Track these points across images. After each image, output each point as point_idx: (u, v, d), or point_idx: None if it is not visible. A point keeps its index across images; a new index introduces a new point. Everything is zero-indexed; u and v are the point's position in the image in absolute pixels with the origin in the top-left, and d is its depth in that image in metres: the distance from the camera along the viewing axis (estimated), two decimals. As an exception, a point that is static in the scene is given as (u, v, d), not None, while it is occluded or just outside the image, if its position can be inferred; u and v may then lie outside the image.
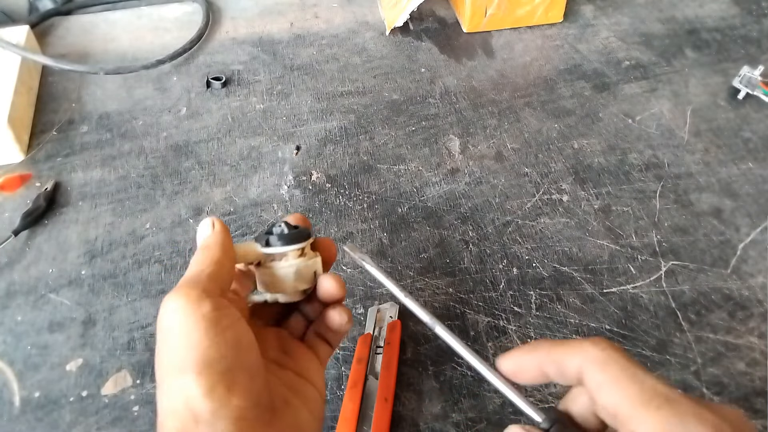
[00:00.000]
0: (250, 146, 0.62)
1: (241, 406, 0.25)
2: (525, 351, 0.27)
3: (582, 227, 0.54)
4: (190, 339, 0.26)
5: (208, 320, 0.26)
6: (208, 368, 0.25)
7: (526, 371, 0.27)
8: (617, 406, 0.23)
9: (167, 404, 0.25)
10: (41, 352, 0.46)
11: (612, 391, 0.23)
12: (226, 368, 0.26)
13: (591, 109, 0.66)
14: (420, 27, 0.78)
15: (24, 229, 0.53)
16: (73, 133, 0.63)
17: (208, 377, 0.25)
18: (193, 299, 0.26)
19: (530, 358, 0.27)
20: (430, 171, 0.60)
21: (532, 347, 0.27)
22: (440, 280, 0.50)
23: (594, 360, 0.24)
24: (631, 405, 0.22)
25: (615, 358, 0.24)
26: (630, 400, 0.22)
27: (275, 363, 0.32)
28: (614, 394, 0.23)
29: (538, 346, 0.27)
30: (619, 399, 0.23)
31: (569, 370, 0.25)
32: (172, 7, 0.80)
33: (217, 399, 0.25)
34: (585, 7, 0.81)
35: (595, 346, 0.25)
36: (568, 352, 0.25)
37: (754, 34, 0.77)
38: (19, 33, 0.68)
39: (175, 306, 0.26)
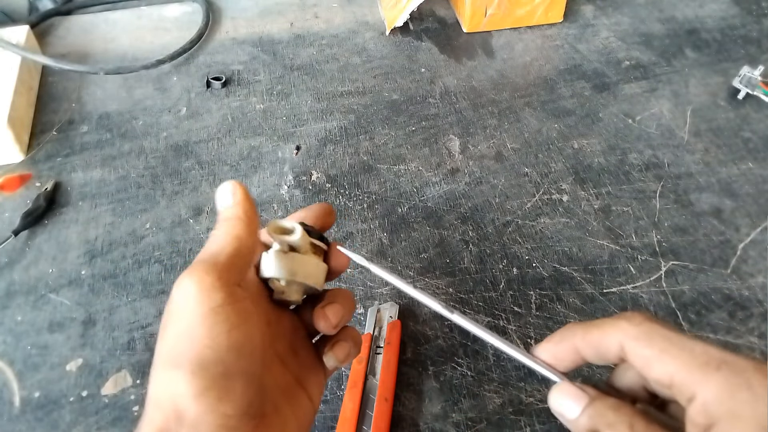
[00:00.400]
0: (250, 146, 0.62)
1: (229, 414, 0.24)
2: (558, 339, 0.27)
3: (582, 227, 0.54)
4: (192, 333, 0.24)
5: (215, 315, 0.25)
6: (203, 370, 0.24)
7: (563, 360, 0.27)
8: (672, 376, 0.23)
9: (154, 393, 0.24)
10: (41, 352, 0.46)
11: (663, 363, 0.23)
12: (222, 373, 0.24)
13: (591, 109, 0.66)
14: (420, 27, 0.78)
15: (24, 229, 0.53)
16: (73, 133, 0.63)
17: (201, 379, 0.24)
18: (206, 287, 0.25)
19: (565, 346, 0.27)
20: (430, 171, 0.60)
21: (564, 334, 0.27)
22: (440, 280, 0.50)
23: (635, 337, 0.24)
24: (688, 372, 0.22)
25: (655, 329, 0.24)
26: (686, 367, 0.22)
27: (279, 359, 0.30)
28: (666, 366, 0.23)
29: (571, 331, 0.26)
30: (673, 369, 0.23)
31: (609, 351, 0.25)
32: (172, 7, 0.80)
33: (205, 403, 0.23)
34: (585, 7, 0.81)
35: (631, 322, 0.24)
36: (604, 333, 0.25)
37: (754, 34, 0.77)
38: (19, 33, 0.68)
39: (186, 291, 0.25)
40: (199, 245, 0.53)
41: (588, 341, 0.26)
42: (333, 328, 0.31)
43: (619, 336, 0.24)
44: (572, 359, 0.27)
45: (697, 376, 0.22)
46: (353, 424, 0.40)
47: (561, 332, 0.27)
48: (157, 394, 0.24)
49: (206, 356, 0.24)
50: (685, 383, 0.22)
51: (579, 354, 0.26)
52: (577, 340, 0.26)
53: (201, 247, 0.54)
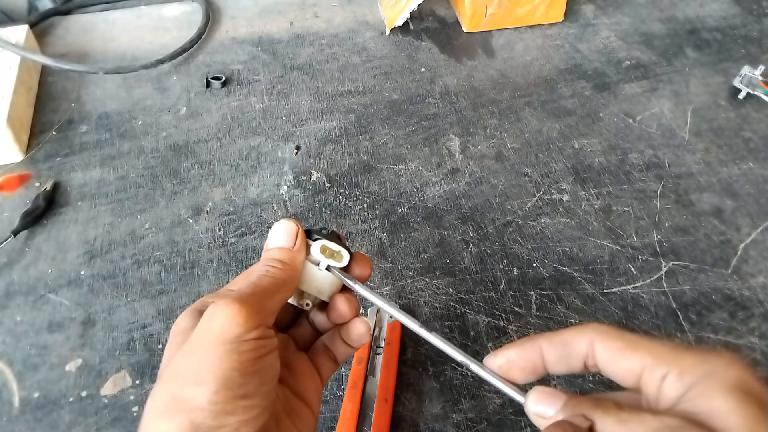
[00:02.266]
0: (249, 146, 0.62)
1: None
2: (520, 343, 0.27)
3: (582, 227, 0.54)
4: (223, 356, 0.24)
5: (247, 345, 0.25)
6: (227, 389, 0.24)
7: (523, 367, 0.27)
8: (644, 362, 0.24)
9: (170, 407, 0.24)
10: (40, 353, 0.45)
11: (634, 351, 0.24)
12: (243, 395, 0.24)
13: (591, 109, 0.66)
14: (420, 26, 0.78)
15: (23, 229, 0.53)
16: (72, 132, 0.63)
17: (222, 397, 0.24)
18: (242, 324, 0.25)
19: (529, 348, 0.27)
20: (430, 171, 0.60)
21: (528, 338, 0.27)
22: (440, 281, 0.50)
23: (605, 332, 0.25)
24: (661, 355, 0.24)
25: (625, 331, 0.25)
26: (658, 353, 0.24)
27: None
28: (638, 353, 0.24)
29: (536, 335, 0.27)
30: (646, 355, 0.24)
31: (577, 351, 0.26)
32: (172, 7, 0.80)
33: (223, 422, 0.24)
34: (585, 6, 0.81)
35: (602, 325, 0.26)
36: (573, 333, 0.26)
37: (755, 33, 0.76)
38: (18, 33, 0.68)
39: (222, 322, 0.25)
40: (198, 245, 0.53)
41: (556, 341, 0.26)
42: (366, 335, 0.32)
43: (589, 333, 0.25)
44: (533, 367, 0.27)
45: (669, 357, 0.23)
46: (353, 424, 0.40)
47: (525, 337, 0.27)
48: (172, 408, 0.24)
49: (233, 378, 0.24)
50: (658, 364, 0.23)
51: (541, 359, 0.26)
52: (543, 341, 0.26)
53: (200, 247, 0.54)
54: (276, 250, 0.30)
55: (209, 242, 0.53)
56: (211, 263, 0.51)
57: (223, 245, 0.53)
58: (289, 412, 0.29)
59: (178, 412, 0.24)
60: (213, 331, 0.25)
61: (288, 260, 0.30)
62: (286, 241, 0.30)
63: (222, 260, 0.52)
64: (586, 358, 0.26)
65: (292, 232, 0.30)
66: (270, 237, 0.31)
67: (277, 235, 0.30)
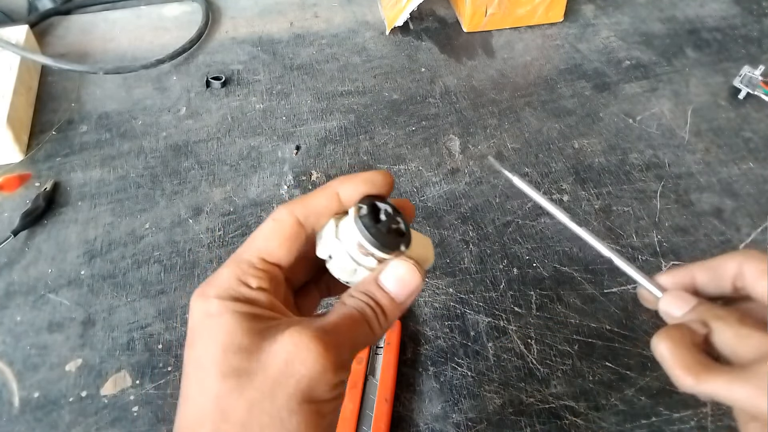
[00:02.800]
0: (249, 146, 0.62)
1: None
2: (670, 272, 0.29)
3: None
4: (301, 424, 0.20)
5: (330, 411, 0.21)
6: None
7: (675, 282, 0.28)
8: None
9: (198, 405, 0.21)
10: (40, 353, 0.45)
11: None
12: None
13: (591, 109, 0.66)
14: (420, 26, 0.78)
15: (23, 229, 0.53)
16: (72, 132, 0.63)
17: None
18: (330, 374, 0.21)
19: (683, 271, 0.28)
20: (430, 171, 0.60)
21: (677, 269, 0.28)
22: (440, 280, 0.50)
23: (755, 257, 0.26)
24: None
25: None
26: None
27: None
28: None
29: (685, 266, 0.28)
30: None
31: (726, 273, 0.27)
32: (172, 7, 0.80)
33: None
34: (585, 6, 0.81)
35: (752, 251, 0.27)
36: (724, 258, 0.27)
37: (755, 33, 0.76)
38: (18, 33, 0.68)
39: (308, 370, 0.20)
40: (198, 245, 0.53)
41: (707, 265, 0.27)
42: None
43: (738, 258, 0.27)
44: (684, 282, 0.28)
45: None
46: (353, 424, 0.40)
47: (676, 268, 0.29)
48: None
49: None
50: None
51: (693, 282, 0.28)
52: (695, 267, 0.28)
53: (200, 247, 0.54)
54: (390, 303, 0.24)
55: (209, 242, 0.53)
56: (211, 263, 0.51)
57: (223, 245, 0.53)
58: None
59: None
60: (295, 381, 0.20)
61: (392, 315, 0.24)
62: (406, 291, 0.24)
63: (222, 260, 0.52)
64: (735, 279, 0.27)
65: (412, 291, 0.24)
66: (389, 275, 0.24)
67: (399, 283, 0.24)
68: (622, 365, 0.45)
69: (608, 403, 0.43)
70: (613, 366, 0.45)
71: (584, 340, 0.46)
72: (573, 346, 0.46)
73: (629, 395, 0.43)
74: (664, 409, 0.43)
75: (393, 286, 0.24)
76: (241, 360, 0.20)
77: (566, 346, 0.46)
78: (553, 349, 0.46)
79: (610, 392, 0.44)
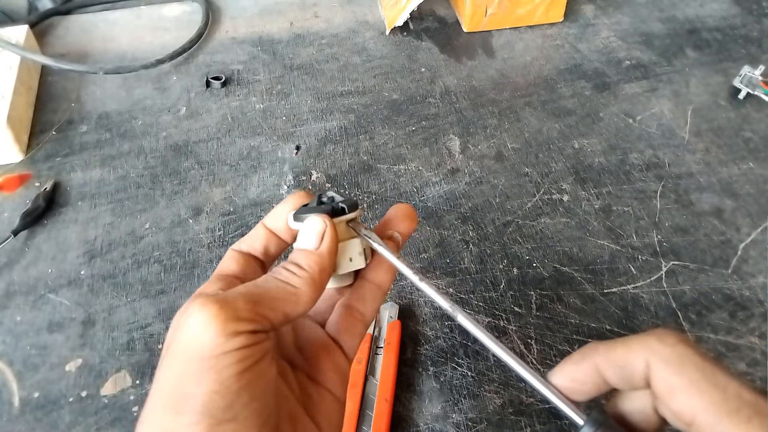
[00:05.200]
0: (249, 146, 0.62)
1: None
2: (578, 358, 0.24)
3: (582, 227, 0.54)
4: (200, 375, 0.21)
5: (228, 358, 0.21)
6: (209, 418, 0.21)
7: (583, 383, 0.24)
8: (696, 414, 0.20)
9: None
10: (40, 353, 0.45)
11: (690, 396, 0.21)
12: (231, 419, 0.21)
13: (591, 109, 0.66)
14: (420, 26, 0.78)
15: (23, 229, 0.53)
16: (72, 132, 0.63)
17: (206, 428, 0.21)
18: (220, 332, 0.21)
19: (586, 366, 0.23)
20: (430, 171, 0.60)
21: (585, 352, 0.24)
22: (440, 281, 0.50)
23: (665, 360, 0.21)
24: (715, 414, 0.20)
25: (688, 356, 0.21)
26: (713, 408, 0.20)
27: (288, 361, 0.27)
28: (692, 401, 0.20)
29: (593, 348, 0.24)
30: (700, 406, 0.20)
31: (635, 372, 0.22)
32: (172, 7, 0.80)
33: None
34: (585, 6, 0.81)
35: (662, 342, 0.22)
36: (630, 350, 0.22)
37: (755, 33, 0.76)
38: (18, 33, 0.68)
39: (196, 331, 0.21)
40: (198, 245, 0.53)
41: (611, 359, 0.23)
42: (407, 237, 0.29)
43: (646, 355, 0.22)
44: (593, 382, 0.24)
45: (725, 422, 0.20)
46: (353, 424, 0.40)
47: (581, 351, 0.24)
48: None
49: (214, 402, 0.21)
50: (709, 426, 0.20)
51: (601, 376, 0.23)
52: (599, 358, 0.23)
53: (200, 247, 0.54)
54: (302, 253, 0.26)
55: (209, 242, 0.53)
56: (211, 263, 0.51)
57: (223, 245, 0.53)
58: (305, 402, 0.26)
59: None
60: (186, 343, 0.21)
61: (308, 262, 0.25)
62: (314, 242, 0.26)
63: (222, 260, 0.52)
64: (648, 379, 0.22)
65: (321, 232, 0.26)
66: (300, 235, 0.26)
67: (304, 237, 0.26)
68: (622, 365, 0.45)
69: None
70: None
71: (584, 340, 0.46)
72: (573, 346, 0.46)
73: (629, 395, 0.43)
74: (664, 409, 0.43)
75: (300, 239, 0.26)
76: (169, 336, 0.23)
77: (566, 346, 0.46)
78: (553, 349, 0.46)
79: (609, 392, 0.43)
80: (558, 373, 0.24)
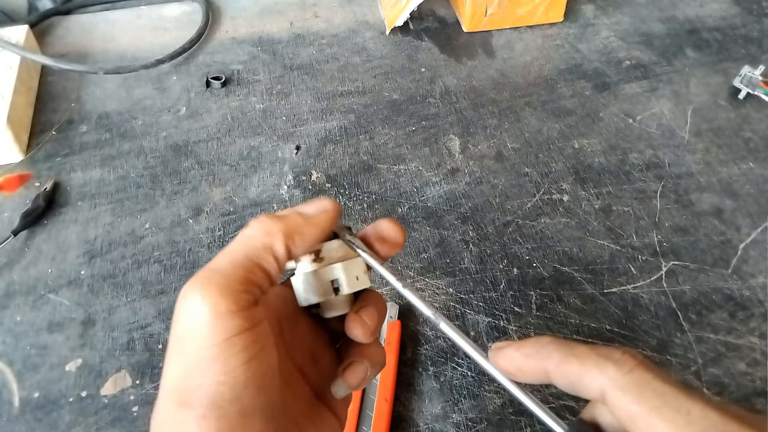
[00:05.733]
0: (249, 146, 0.62)
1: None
2: (530, 352, 0.23)
3: (582, 227, 0.54)
4: (204, 367, 0.21)
5: (232, 346, 0.21)
6: (216, 410, 0.21)
7: (526, 374, 0.23)
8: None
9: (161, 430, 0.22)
10: (40, 353, 0.45)
11: (651, 424, 0.20)
12: (239, 411, 0.21)
13: (591, 109, 0.66)
14: (420, 26, 0.78)
15: (23, 229, 0.53)
16: (72, 132, 0.63)
17: (214, 421, 0.20)
18: (220, 313, 0.21)
19: (535, 363, 0.23)
20: (430, 171, 0.60)
21: (539, 351, 0.23)
22: (440, 280, 0.50)
23: (622, 387, 0.20)
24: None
25: (647, 381, 0.20)
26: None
27: (298, 370, 0.27)
28: (655, 428, 0.20)
29: (547, 351, 0.23)
30: None
31: (587, 391, 0.22)
32: (172, 7, 0.80)
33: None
34: (585, 6, 0.81)
35: (619, 369, 0.21)
36: (585, 371, 0.21)
37: (755, 33, 0.76)
38: (18, 32, 0.68)
39: (198, 316, 0.21)
40: (198, 245, 0.53)
41: (564, 372, 0.22)
42: (371, 335, 0.27)
43: (602, 381, 0.21)
44: (539, 378, 0.23)
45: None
46: (353, 424, 0.40)
47: (534, 345, 0.23)
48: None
49: (221, 394, 0.21)
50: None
51: (547, 377, 0.23)
52: (551, 365, 0.22)
53: (200, 247, 0.54)
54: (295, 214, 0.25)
55: (209, 242, 0.53)
56: (211, 263, 0.51)
57: (223, 245, 0.53)
58: (311, 417, 0.26)
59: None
60: (186, 331, 0.21)
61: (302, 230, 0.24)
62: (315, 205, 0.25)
63: (222, 260, 0.52)
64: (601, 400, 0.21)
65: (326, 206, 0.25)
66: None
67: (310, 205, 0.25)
68: (622, 365, 0.45)
69: (608, 403, 0.43)
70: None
71: (584, 340, 0.46)
72: (573, 346, 0.46)
73: (629, 395, 0.43)
74: (664, 409, 0.43)
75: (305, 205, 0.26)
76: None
77: (566, 346, 0.46)
78: (553, 349, 0.46)
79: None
80: (505, 357, 0.24)
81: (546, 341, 0.23)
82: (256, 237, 0.24)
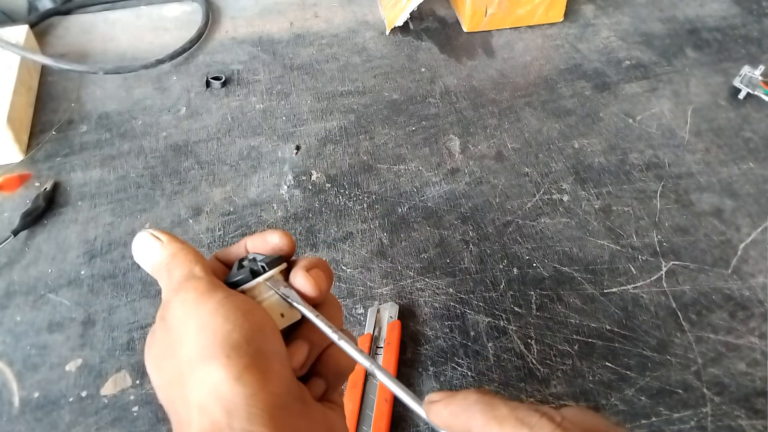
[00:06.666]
0: (249, 146, 0.62)
1: (276, 392, 0.22)
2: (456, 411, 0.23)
3: (582, 227, 0.54)
4: (210, 325, 0.23)
5: (226, 305, 0.24)
6: (236, 351, 0.22)
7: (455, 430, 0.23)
8: None
9: (193, 400, 0.22)
10: (40, 353, 0.45)
11: None
12: (256, 351, 0.23)
13: (591, 109, 0.66)
14: (420, 26, 0.78)
15: (23, 229, 0.53)
16: (72, 132, 0.63)
17: (237, 360, 0.22)
18: (203, 290, 0.24)
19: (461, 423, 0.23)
20: (430, 171, 0.60)
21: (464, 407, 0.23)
22: (440, 280, 0.50)
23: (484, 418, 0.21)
24: None
25: None
26: None
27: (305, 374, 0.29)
28: None
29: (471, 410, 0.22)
30: None
31: None
32: (172, 7, 0.80)
33: (250, 384, 0.22)
34: (585, 6, 0.81)
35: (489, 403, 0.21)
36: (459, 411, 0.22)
37: (755, 33, 0.76)
38: (18, 33, 0.68)
39: (186, 298, 0.24)
40: (198, 245, 0.53)
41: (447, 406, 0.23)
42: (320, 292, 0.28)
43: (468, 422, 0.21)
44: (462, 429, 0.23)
45: None
46: (353, 424, 0.40)
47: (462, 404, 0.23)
48: (195, 399, 0.22)
49: (234, 339, 0.23)
50: None
51: None
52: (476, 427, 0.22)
53: (200, 247, 0.54)
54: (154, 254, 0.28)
55: (209, 242, 0.53)
56: (211, 263, 0.51)
57: (223, 245, 0.53)
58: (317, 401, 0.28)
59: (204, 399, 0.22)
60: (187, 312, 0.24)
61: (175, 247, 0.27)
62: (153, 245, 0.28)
63: (222, 260, 0.52)
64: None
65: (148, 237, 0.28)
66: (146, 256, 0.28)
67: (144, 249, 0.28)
68: (622, 365, 0.45)
69: (608, 403, 0.43)
70: (613, 366, 0.45)
71: (584, 340, 0.46)
72: (573, 346, 0.46)
73: (629, 395, 0.43)
74: (664, 409, 0.43)
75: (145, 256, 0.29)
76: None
77: (566, 346, 0.46)
78: (553, 349, 0.46)
79: (610, 392, 0.44)
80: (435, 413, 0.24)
81: (472, 400, 0.23)
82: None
